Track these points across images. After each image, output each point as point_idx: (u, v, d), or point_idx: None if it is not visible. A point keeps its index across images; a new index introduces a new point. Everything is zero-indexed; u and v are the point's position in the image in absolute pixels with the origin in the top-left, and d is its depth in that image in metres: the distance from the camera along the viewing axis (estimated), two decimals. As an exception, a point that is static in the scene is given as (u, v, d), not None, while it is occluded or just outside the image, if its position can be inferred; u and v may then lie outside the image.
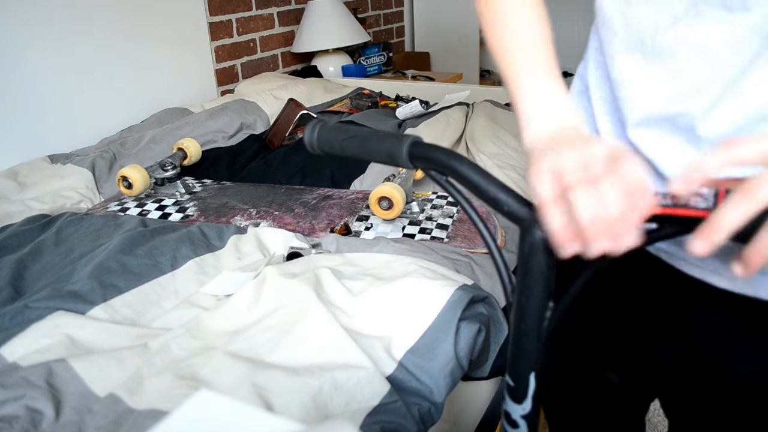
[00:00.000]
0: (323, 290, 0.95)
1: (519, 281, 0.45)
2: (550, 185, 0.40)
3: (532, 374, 0.47)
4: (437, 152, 0.50)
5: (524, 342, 0.46)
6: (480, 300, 0.94)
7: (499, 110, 1.98)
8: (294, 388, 0.77)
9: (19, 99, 1.67)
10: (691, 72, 0.50)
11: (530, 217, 0.43)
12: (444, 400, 0.82)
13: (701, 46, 0.49)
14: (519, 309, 0.46)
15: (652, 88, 0.53)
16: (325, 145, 0.56)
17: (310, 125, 0.58)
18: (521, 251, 0.44)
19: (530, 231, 0.43)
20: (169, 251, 1.11)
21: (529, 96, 0.51)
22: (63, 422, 0.76)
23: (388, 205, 1.22)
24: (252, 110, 2.04)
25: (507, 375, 0.49)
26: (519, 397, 0.48)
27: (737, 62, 0.47)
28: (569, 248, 0.40)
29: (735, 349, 0.61)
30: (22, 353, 0.86)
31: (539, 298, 0.44)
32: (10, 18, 1.62)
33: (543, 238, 0.42)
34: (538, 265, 0.43)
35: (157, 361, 0.84)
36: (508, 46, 0.55)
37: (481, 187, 0.46)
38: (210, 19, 2.28)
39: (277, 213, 1.34)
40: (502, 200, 0.45)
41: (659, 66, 0.52)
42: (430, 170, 0.51)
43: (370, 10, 3.35)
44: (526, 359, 0.47)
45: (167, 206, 1.43)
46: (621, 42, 0.56)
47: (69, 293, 0.98)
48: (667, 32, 0.51)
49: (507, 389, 0.50)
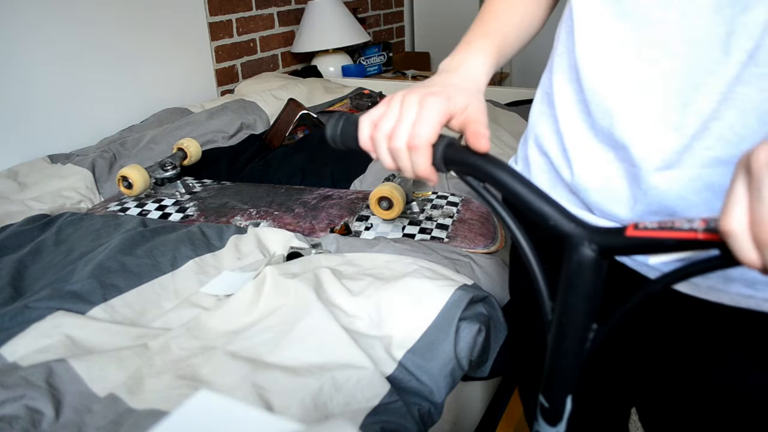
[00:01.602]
0: (323, 290, 0.95)
1: (561, 300, 0.42)
2: (367, 128, 0.54)
3: (569, 397, 0.45)
4: (475, 156, 0.47)
5: (563, 363, 0.44)
6: (480, 300, 0.94)
7: (499, 110, 1.98)
8: (294, 388, 0.77)
9: (19, 99, 1.67)
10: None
11: (579, 234, 0.41)
12: (444, 400, 0.82)
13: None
14: (559, 329, 0.43)
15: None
16: (349, 140, 0.55)
17: (333, 119, 0.56)
18: (567, 269, 0.42)
19: (577, 249, 0.40)
20: (169, 251, 1.11)
21: (453, 55, 0.62)
22: (63, 422, 0.76)
23: (388, 205, 1.22)
24: (252, 110, 2.04)
25: (541, 395, 0.47)
26: (554, 419, 0.46)
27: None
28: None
29: (720, 362, 0.60)
30: (22, 353, 0.86)
31: (583, 319, 0.42)
32: (10, 18, 1.62)
33: (592, 257, 0.40)
34: (584, 284, 0.41)
35: (157, 361, 0.84)
36: (475, 24, 0.66)
37: (524, 198, 0.43)
38: (210, 19, 2.28)
39: (277, 213, 1.34)
40: (547, 214, 0.42)
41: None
42: (467, 176, 0.48)
43: (370, 10, 3.35)
44: (563, 381, 0.45)
45: (167, 206, 1.43)
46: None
47: (69, 293, 0.98)
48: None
49: (540, 410, 0.47)
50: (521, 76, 4.01)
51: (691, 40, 0.48)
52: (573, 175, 0.61)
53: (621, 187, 0.57)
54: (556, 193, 0.65)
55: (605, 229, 0.40)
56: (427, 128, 0.51)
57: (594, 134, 0.58)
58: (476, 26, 0.66)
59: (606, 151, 0.57)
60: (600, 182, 0.58)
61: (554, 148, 0.63)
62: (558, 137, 0.63)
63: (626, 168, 0.55)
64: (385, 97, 0.56)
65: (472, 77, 0.60)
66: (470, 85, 0.58)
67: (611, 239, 0.39)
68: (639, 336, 0.68)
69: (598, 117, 0.57)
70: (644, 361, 0.70)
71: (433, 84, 0.56)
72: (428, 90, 0.54)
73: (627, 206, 0.57)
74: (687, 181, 0.52)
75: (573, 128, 0.60)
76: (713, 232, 0.34)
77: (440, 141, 0.51)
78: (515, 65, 4.01)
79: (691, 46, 0.48)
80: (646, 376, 0.72)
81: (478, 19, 0.67)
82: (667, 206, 0.54)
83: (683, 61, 0.49)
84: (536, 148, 0.67)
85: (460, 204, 1.32)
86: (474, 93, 0.57)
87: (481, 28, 0.65)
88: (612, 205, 0.58)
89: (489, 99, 2.15)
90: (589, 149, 0.59)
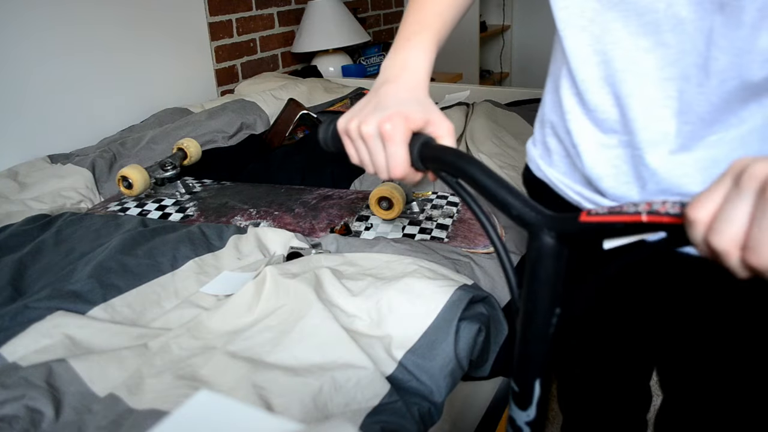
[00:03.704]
0: (323, 290, 0.95)
1: (526, 287, 0.44)
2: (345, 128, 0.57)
3: (537, 381, 0.46)
4: (447, 153, 0.50)
5: (530, 348, 0.45)
6: (480, 300, 0.94)
7: (499, 110, 1.98)
8: (294, 388, 0.77)
9: (19, 99, 1.67)
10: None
11: (539, 222, 0.42)
12: (444, 400, 0.82)
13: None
14: (526, 315, 0.45)
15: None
16: (339, 142, 0.59)
17: (325, 123, 0.60)
18: (529, 257, 0.43)
19: (538, 236, 0.42)
20: (169, 251, 1.11)
21: (394, 54, 0.62)
22: (63, 422, 0.76)
23: (388, 205, 1.22)
24: (252, 110, 2.04)
25: (512, 381, 0.48)
26: (524, 403, 0.48)
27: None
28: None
29: (738, 317, 0.63)
30: (22, 353, 0.86)
31: (546, 304, 0.43)
32: (10, 18, 1.62)
33: (552, 243, 0.42)
34: (545, 271, 0.42)
35: (157, 361, 0.84)
36: (410, 11, 0.65)
37: (490, 190, 0.45)
38: (210, 19, 2.28)
39: (277, 213, 1.34)
40: (511, 203, 0.44)
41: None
42: (441, 172, 0.51)
43: (370, 10, 3.35)
44: (531, 366, 0.46)
45: (167, 206, 1.43)
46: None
47: (69, 293, 0.98)
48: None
49: (512, 395, 0.49)
50: (521, 76, 4.01)
51: (680, 31, 0.50)
52: (583, 164, 0.63)
53: (629, 171, 0.59)
54: (573, 178, 0.67)
55: (562, 216, 0.42)
56: (398, 161, 0.53)
57: (593, 122, 0.61)
58: (411, 15, 0.65)
59: (611, 138, 0.60)
60: (610, 169, 0.61)
61: (567, 138, 0.65)
62: (565, 126, 0.64)
63: (632, 152, 0.58)
64: (339, 123, 0.58)
65: (416, 81, 0.59)
66: (419, 94, 0.58)
67: (567, 225, 0.41)
68: (659, 295, 0.71)
69: (594, 105, 0.59)
70: (665, 319, 0.73)
71: (384, 106, 0.55)
72: (383, 115, 0.53)
73: (637, 188, 0.59)
74: (692, 162, 0.55)
75: (577, 117, 0.62)
76: (655, 215, 0.36)
77: (415, 141, 0.53)
78: (515, 65, 4.01)
79: (680, 36, 0.51)
80: (667, 336, 0.74)
81: (411, 4, 0.66)
82: (675, 185, 0.56)
83: (674, 51, 0.52)
84: (553, 136, 0.69)
85: (460, 204, 1.32)
86: (423, 100, 0.57)
87: (417, 17, 0.64)
88: (624, 188, 0.60)
89: (489, 99, 2.15)
90: (595, 138, 0.61)
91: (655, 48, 0.52)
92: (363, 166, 0.57)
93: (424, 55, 0.61)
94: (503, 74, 3.98)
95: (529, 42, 3.89)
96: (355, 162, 0.58)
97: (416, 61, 0.61)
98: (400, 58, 0.61)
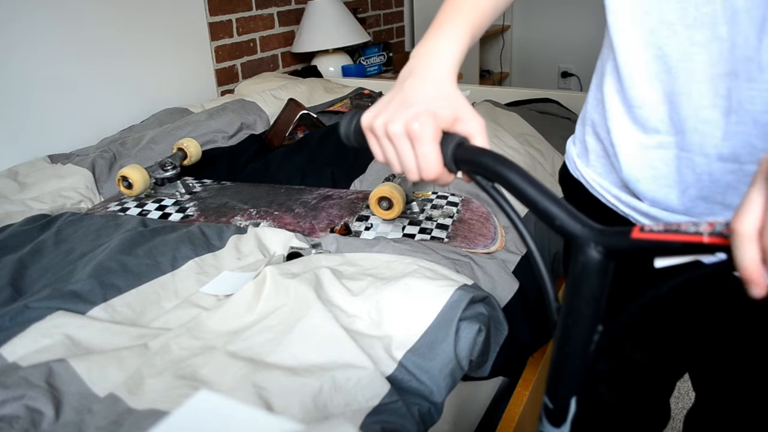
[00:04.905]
0: (323, 290, 0.95)
1: (567, 302, 0.42)
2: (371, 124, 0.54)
3: (573, 398, 0.45)
4: (485, 156, 0.47)
5: (568, 365, 0.44)
6: (480, 300, 0.94)
7: (499, 110, 1.98)
8: (294, 388, 0.77)
9: (19, 99, 1.67)
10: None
11: (586, 236, 0.40)
12: (444, 400, 0.82)
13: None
14: (564, 331, 0.43)
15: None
16: (362, 138, 0.56)
17: (347, 117, 0.57)
18: (572, 271, 0.41)
19: (584, 250, 0.40)
20: (169, 251, 1.11)
21: (425, 40, 0.59)
22: (63, 422, 0.75)
23: (388, 205, 1.22)
24: (252, 110, 2.04)
25: (546, 396, 0.47)
26: (558, 420, 0.46)
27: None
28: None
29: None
30: (22, 353, 0.86)
31: (588, 321, 0.41)
32: (10, 18, 1.62)
33: (598, 259, 0.40)
34: (589, 286, 0.40)
35: (157, 361, 0.84)
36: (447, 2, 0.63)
37: (531, 198, 0.43)
38: (210, 19, 2.28)
39: (277, 213, 1.34)
40: (554, 214, 0.41)
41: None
42: (476, 175, 0.48)
43: (370, 10, 3.35)
44: (568, 382, 0.44)
45: (167, 206, 1.43)
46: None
47: (69, 293, 0.98)
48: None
49: (545, 411, 0.47)
50: (521, 76, 4.01)
51: (733, 22, 0.48)
52: (621, 165, 0.61)
53: (669, 174, 0.57)
54: (609, 180, 0.65)
55: (611, 230, 0.40)
56: (430, 162, 0.51)
57: (634, 120, 0.58)
58: (449, 1, 0.61)
59: (652, 138, 0.57)
60: (648, 171, 0.58)
61: (606, 137, 0.64)
62: (606, 125, 0.63)
63: (677, 154, 0.56)
64: (363, 119, 0.55)
65: (444, 73, 0.56)
66: (446, 88, 0.55)
67: (617, 241, 0.39)
68: (698, 303, 0.69)
69: (640, 101, 0.57)
70: (703, 326, 0.71)
71: (410, 102, 0.53)
72: (410, 112, 0.51)
73: (677, 193, 0.57)
74: (739, 169, 0.52)
75: (618, 115, 0.60)
76: (718, 236, 0.34)
77: (449, 141, 0.51)
78: (515, 65, 4.01)
79: (733, 27, 0.48)
80: (703, 339, 0.72)
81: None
82: (719, 193, 0.54)
83: (727, 46, 0.49)
84: (593, 135, 0.67)
85: (460, 204, 1.32)
86: (451, 94, 0.54)
87: (455, 3, 0.61)
88: (663, 192, 0.58)
89: (489, 99, 2.15)
90: (635, 137, 0.59)
91: (710, 42, 0.50)
92: (389, 165, 0.55)
93: (456, 44, 0.58)
94: (503, 74, 3.98)
95: (529, 42, 3.89)
96: (379, 160, 0.55)
97: (446, 49, 0.57)
98: (430, 45, 0.58)
